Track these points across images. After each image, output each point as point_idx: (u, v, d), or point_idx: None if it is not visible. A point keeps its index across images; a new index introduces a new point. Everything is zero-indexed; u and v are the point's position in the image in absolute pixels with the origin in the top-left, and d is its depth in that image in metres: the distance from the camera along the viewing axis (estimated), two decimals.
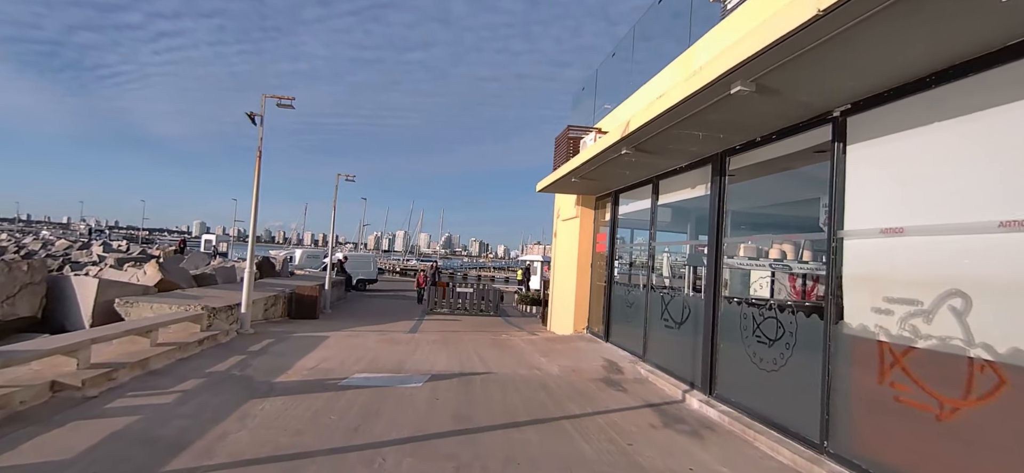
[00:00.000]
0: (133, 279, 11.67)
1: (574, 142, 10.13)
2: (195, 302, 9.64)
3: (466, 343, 9.90)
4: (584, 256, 11.37)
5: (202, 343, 7.92)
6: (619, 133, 6.18)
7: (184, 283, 12.21)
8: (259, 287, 13.87)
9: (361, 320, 13.78)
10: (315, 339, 9.31)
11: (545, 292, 16.28)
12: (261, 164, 9.78)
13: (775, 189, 8.06)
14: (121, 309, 8.88)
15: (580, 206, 11.51)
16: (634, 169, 8.00)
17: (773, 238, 7.27)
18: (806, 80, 4.09)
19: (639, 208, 9.50)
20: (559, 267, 13.03)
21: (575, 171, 8.66)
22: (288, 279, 17.66)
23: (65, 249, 47.10)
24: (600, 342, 10.14)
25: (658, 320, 7.87)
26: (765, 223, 9.26)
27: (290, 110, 10.11)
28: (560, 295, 12.67)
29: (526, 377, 7.29)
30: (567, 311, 11.80)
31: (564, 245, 12.72)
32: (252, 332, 9.54)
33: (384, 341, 9.60)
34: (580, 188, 10.81)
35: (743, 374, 5.72)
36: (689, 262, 8.97)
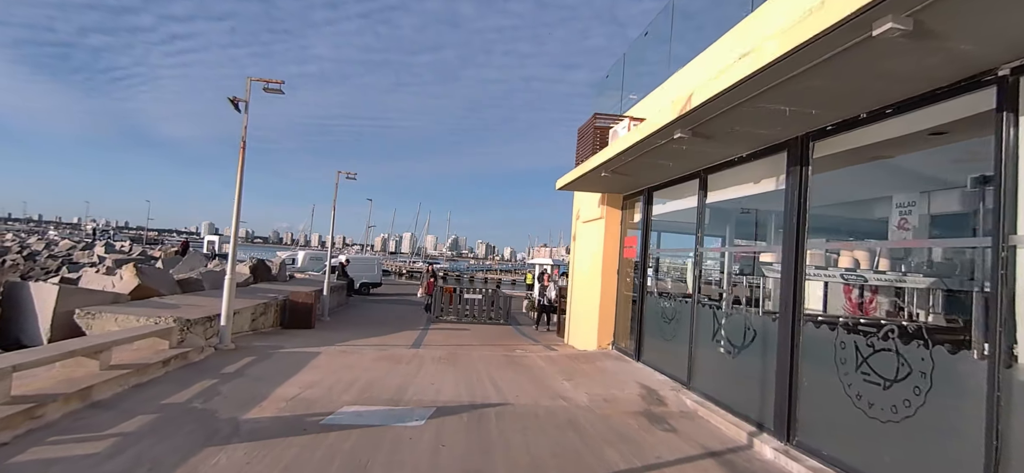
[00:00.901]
0: (107, 286, 10.53)
1: (602, 133, 8.87)
2: (171, 312, 8.46)
3: (476, 361, 8.64)
4: (609, 262, 10.08)
5: (168, 364, 6.71)
6: (675, 111, 4.91)
7: (165, 289, 11.05)
8: (250, 293, 12.70)
9: (360, 330, 12.56)
10: (303, 356, 8.09)
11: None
12: (245, 156, 8.59)
13: (839, 186, 6.76)
14: (81, 322, 7.71)
15: (605, 206, 10.23)
16: (680, 160, 6.72)
17: (853, 243, 5.96)
18: (976, 22, 2.82)
19: (679, 207, 8.21)
20: (579, 273, 11.75)
21: (607, 164, 7.40)
22: (284, 284, 16.51)
23: (68, 249, 46.47)
24: (630, 362, 8.85)
25: (709, 341, 6.57)
26: (821, 227, 7.95)
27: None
28: (581, 305, 11.39)
29: (551, 410, 6.02)
30: (589, 323, 10.52)
31: (585, 249, 11.45)
32: (232, 347, 8.34)
33: (383, 358, 8.37)
34: (607, 185, 9.54)
35: (840, 420, 4.42)
36: (742, 273, 7.66)
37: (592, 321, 10.31)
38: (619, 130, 8.11)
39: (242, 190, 8.56)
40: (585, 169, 8.31)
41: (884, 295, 6.91)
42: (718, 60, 6.52)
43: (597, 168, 7.78)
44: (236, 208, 8.57)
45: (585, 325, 10.83)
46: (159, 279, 11.19)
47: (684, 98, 4.81)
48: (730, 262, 7.79)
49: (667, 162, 6.91)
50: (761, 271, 7.08)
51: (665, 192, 8.49)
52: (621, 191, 9.99)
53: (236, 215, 8.59)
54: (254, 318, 10.73)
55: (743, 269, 7.72)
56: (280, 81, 8.78)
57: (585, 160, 8.97)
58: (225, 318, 8.31)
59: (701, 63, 7.16)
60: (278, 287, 14.82)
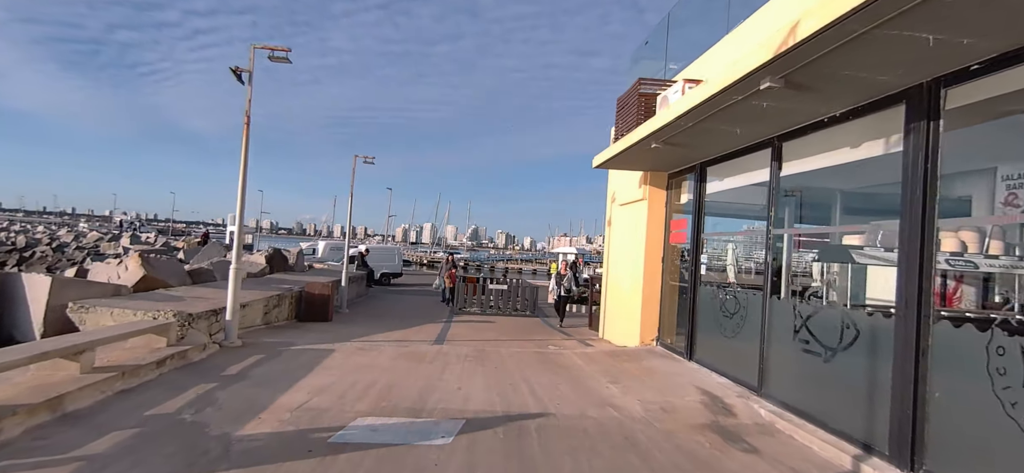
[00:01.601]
0: (113, 276, 9.90)
1: (647, 100, 7.78)
2: (174, 305, 7.74)
3: (507, 359, 7.72)
4: (653, 248, 9.02)
5: (163, 364, 5.95)
6: (768, 52, 3.84)
7: (174, 280, 10.38)
8: (264, 284, 12.00)
9: (380, 323, 11.76)
10: (316, 354, 7.28)
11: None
12: (249, 133, 7.77)
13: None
14: (74, 316, 7.01)
15: (647, 186, 9.16)
16: (752, 124, 5.64)
17: None
18: None
19: (738, 184, 7.12)
20: (616, 261, 10.72)
21: (660, 132, 6.34)
22: (302, 274, 15.83)
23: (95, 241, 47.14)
24: (681, 361, 7.82)
25: (789, 340, 5.51)
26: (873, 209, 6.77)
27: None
28: (619, 295, 10.37)
29: (601, 424, 5.06)
30: (629, 316, 9.50)
31: (624, 234, 10.39)
32: (238, 344, 7.57)
33: (403, 356, 7.50)
34: (652, 161, 8.47)
35: (998, 447, 3.36)
36: (821, 258, 6.55)
37: (633, 314, 9.28)
38: (670, 95, 7.03)
39: (247, 170, 7.75)
40: (629, 142, 7.26)
41: (1000, 283, 5.77)
42: None
43: (646, 139, 6.73)
44: (241, 191, 7.76)
45: (624, 318, 9.81)
46: (168, 270, 10.53)
47: (779, 35, 3.74)
48: (770, 246, 6.65)
49: (733, 128, 5.82)
50: (844, 256, 5.98)
51: (722, 167, 7.39)
52: (666, 168, 8.91)
53: (241, 198, 7.78)
54: (266, 311, 10.00)
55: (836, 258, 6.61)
56: (286, 49, 7.93)
57: (627, 133, 7.91)
58: (231, 312, 7.54)
59: None
60: (295, 278, 14.13)
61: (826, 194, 6.96)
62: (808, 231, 6.80)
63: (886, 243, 5.77)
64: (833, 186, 6.83)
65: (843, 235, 6.24)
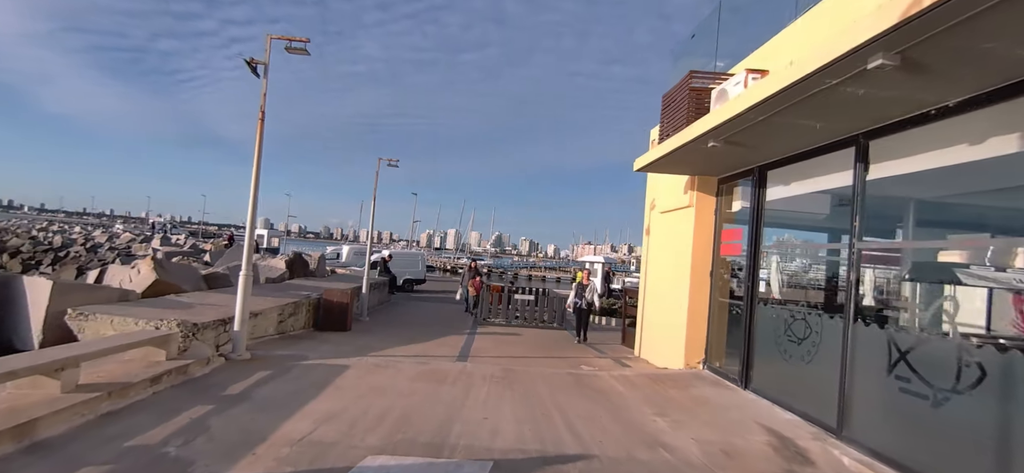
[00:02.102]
0: (125, 280, 9.51)
1: (698, 95, 6.95)
2: (181, 313, 7.21)
3: (537, 382, 6.94)
4: (700, 260, 8.14)
5: (159, 381, 5.37)
6: (887, 19, 3.01)
7: (188, 285, 9.94)
8: (282, 291, 11.50)
9: (400, 334, 11.12)
10: (329, 371, 6.63)
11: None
12: (264, 129, 7.22)
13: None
14: (73, 324, 6.52)
15: (694, 192, 8.29)
16: (836, 117, 4.77)
17: None
18: None
19: (809, 189, 6.21)
20: (656, 274, 9.84)
21: (721, 128, 5.51)
22: (322, 280, 15.35)
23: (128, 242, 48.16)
24: (735, 389, 6.91)
25: (881, 376, 4.59)
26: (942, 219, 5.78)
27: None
28: (658, 312, 9.49)
29: (653, 470, 4.24)
30: (671, 335, 8.61)
31: (664, 245, 9.52)
32: (247, 357, 6.99)
33: (423, 376, 6.80)
34: (701, 164, 7.63)
35: None
36: (914, 277, 5.60)
37: (676, 333, 8.39)
38: (730, 88, 6.18)
39: (260, 168, 7.19)
40: (680, 141, 6.44)
41: None
42: None
43: (702, 137, 5.90)
44: (253, 189, 7.20)
45: (665, 336, 8.92)
46: (181, 274, 10.11)
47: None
48: (854, 263, 5.70)
49: (812, 122, 4.95)
50: (948, 276, 5.03)
51: (787, 170, 6.49)
52: (716, 172, 8.03)
53: (253, 197, 7.22)
54: (281, 319, 9.44)
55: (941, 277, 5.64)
56: (305, 39, 7.36)
57: (675, 132, 7.09)
58: (239, 322, 6.96)
59: None
60: (314, 284, 13.64)
61: (897, 204, 5.99)
62: (919, 244, 5.81)
63: (997, 261, 4.82)
64: (906, 194, 5.87)
65: (940, 249, 5.28)
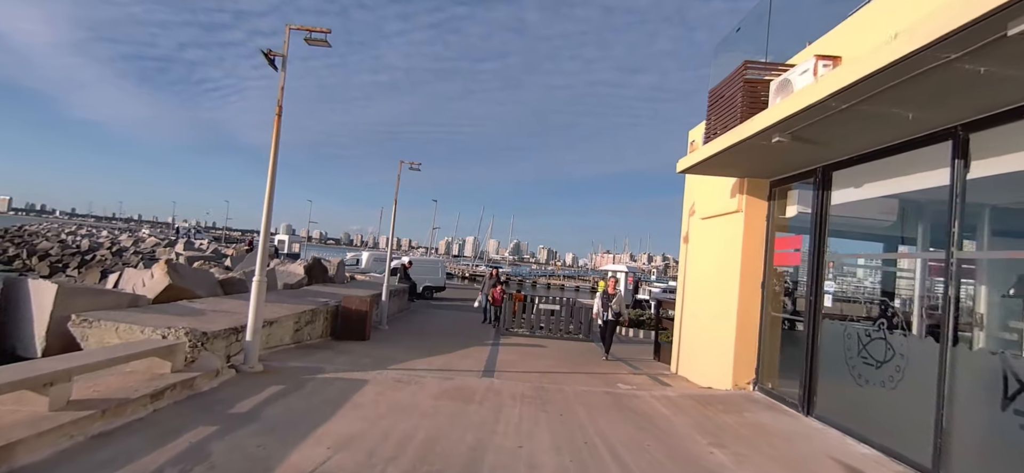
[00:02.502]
0: (138, 285, 9.16)
1: (754, 88, 6.27)
2: (191, 320, 6.77)
3: (573, 402, 6.30)
4: (750, 270, 7.42)
5: (160, 396, 4.88)
6: None
7: (203, 290, 9.55)
8: (299, 297, 11.06)
9: (421, 344, 10.57)
10: (346, 387, 6.08)
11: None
12: (280, 127, 6.76)
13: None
14: (76, 331, 6.10)
15: (743, 195, 7.58)
16: (934, 106, 4.07)
17: None
18: None
19: (888, 191, 5.48)
20: (697, 284, 9.12)
21: (789, 121, 4.84)
22: (341, 286, 14.93)
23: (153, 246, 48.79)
24: (795, 415, 6.17)
25: (993, 411, 3.85)
26: None
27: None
28: (699, 324, 8.77)
29: None
30: (715, 350, 7.88)
31: (707, 252, 8.81)
32: (259, 369, 6.48)
33: (448, 394, 6.21)
34: (753, 165, 6.94)
35: None
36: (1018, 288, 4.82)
37: (721, 349, 7.67)
38: (795, 78, 5.49)
39: (276, 167, 6.72)
40: (737, 137, 5.77)
41: None
42: None
43: (766, 131, 5.23)
44: (269, 189, 6.73)
45: (708, 352, 8.19)
46: (196, 279, 9.73)
47: None
48: (952, 276, 4.94)
49: (906, 111, 4.25)
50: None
51: (859, 171, 5.76)
52: (769, 174, 7.32)
53: (269, 197, 6.74)
54: (298, 328, 8.97)
55: None
56: (326, 30, 6.90)
57: (725, 128, 6.43)
58: (251, 331, 6.47)
59: None
60: (333, 290, 13.20)
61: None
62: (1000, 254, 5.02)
63: None
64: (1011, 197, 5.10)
65: None
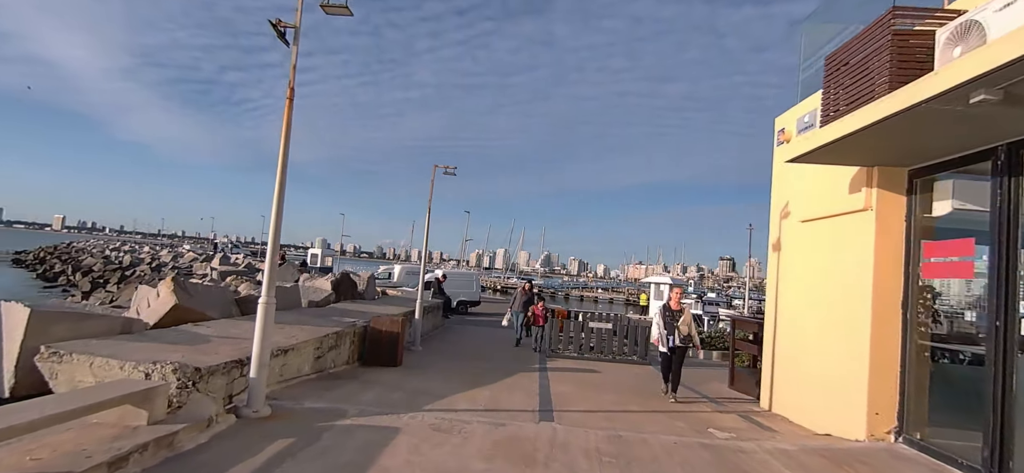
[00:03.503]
0: (143, 305, 8.08)
1: (904, 43, 4.69)
2: (186, 351, 5.57)
3: (666, 464, 4.76)
4: (886, 285, 5.74)
5: (121, 464, 3.61)
6: None
7: (214, 311, 8.42)
8: (323, 317, 9.84)
9: (459, 370, 9.18)
10: (372, 439, 4.72)
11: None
12: (292, 113, 5.52)
13: None
14: (44, 366, 4.93)
15: (873, 190, 5.91)
16: None
17: None
18: None
19: None
20: (795, 303, 7.43)
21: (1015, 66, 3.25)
22: (371, 303, 13.71)
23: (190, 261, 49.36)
24: None
25: None
26: None
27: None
28: (801, 352, 7.08)
29: None
30: (837, 388, 6.19)
31: (810, 263, 7.14)
32: (266, 413, 5.19)
33: (501, 449, 4.77)
34: (893, 148, 5.31)
35: None
36: None
37: (848, 387, 5.98)
38: (988, 18, 3.89)
39: (287, 158, 5.46)
40: (899, 105, 4.17)
41: None
42: None
43: (957, 89, 3.64)
44: (279, 185, 5.46)
45: (823, 390, 6.48)
46: (208, 299, 8.61)
47: None
48: None
49: None
50: None
51: None
52: (909, 162, 5.67)
53: (279, 193, 5.46)
54: (320, 355, 7.71)
55: None
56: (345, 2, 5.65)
57: (857, 101, 4.85)
58: (256, 367, 5.19)
59: None
60: (362, 308, 11.98)
61: None
62: None
63: None
64: None
65: None
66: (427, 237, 12.53)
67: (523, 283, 15.15)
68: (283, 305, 10.40)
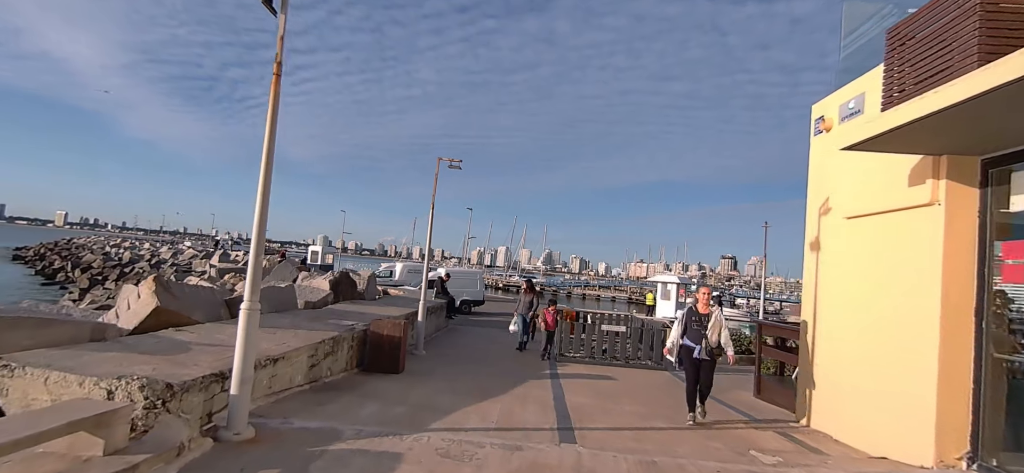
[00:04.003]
0: (123, 306, 7.42)
1: (993, 8, 4.00)
2: (160, 362, 4.91)
3: None
4: (957, 292, 5.04)
5: None
6: None
7: (200, 314, 7.76)
8: (319, 319, 9.18)
9: (466, 378, 8.52)
10: (369, 468, 4.06)
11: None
12: (280, 89, 4.83)
13: None
14: None
15: (940, 182, 5.21)
16: None
17: None
18: None
19: None
20: (840, 308, 6.73)
21: None
22: (371, 304, 13.03)
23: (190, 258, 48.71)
24: None
25: None
26: None
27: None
28: (848, 362, 6.39)
29: None
30: (896, 405, 5.50)
31: (857, 266, 6.45)
32: (249, 435, 4.52)
33: None
34: (967, 132, 4.61)
35: None
36: None
37: (910, 405, 5.28)
38: None
39: (274, 140, 4.78)
40: (1003, 77, 3.48)
41: None
42: None
43: None
44: (264, 173, 4.77)
45: (879, 407, 5.77)
46: (194, 300, 7.94)
47: None
48: None
49: None
50: None
51: None
52: (984, 148, 4.97)
53: (264, 184, 4.77)
54: (314, 363, 7.04)
55: None
56: None
57: (928, 80, 4.16)
58: (237, 382, 4.51)
59: None
60: (362, 309, 11.32)
61: None
62: None
63: None
64: None
65: None
66: (430, 233, 11.85)
67: (525, 281, 13.98)
68: (277, 307, 9.74)
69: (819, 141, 7.35)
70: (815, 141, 7.49)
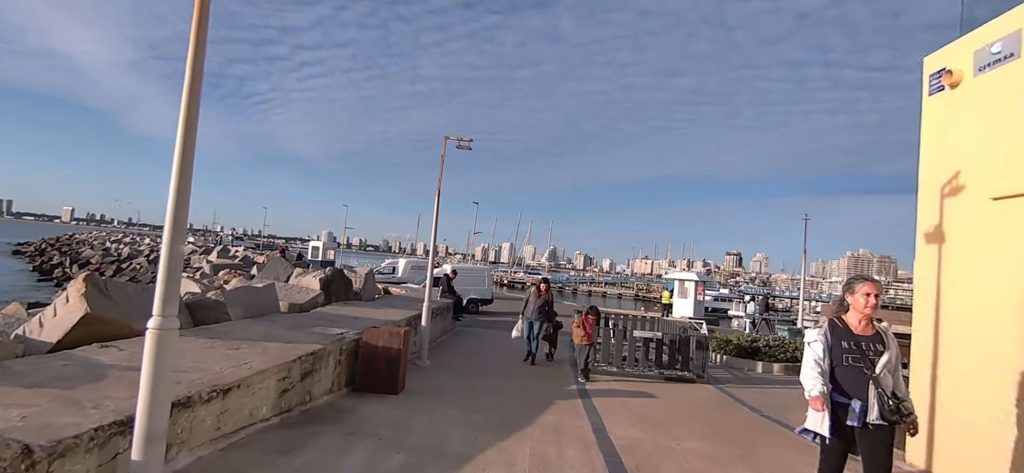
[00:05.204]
0: (49, 311, 5.87)
1: None
2: (47, 399, 3.36)
3: None
4: None
5: None
6: None
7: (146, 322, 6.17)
8: (299, 328, 7.57)
9: (479, 397, 6.93)
10: None
11: None
12: None
13: None
14: None
15: None
16: None
17: None
18: None
19: None
20: (982, 319, 5.07)
21: None
22: (368, 306, 11.43)
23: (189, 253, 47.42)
24: None
25: None
26: None
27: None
28: (1000, 392, 4.73)
29: None
30: None
31: (1012, 262, 4.78)
32: None
33: None
34: None
35: None
36: None
37: None
38: None
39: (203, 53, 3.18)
40: None
41: None
42: None
43: None
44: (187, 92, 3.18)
45: None
46: (139, 304, 6.33)
47: None
48: None
49: None
50: None
51: None
52: None
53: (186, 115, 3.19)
54: (288, 387, 5.45)
55: None
56: None
57: None
58: (140, 444, 2.92)
59: None
60: (356, 312, 9.72)
61: None
62: None
63: None
64: None
65: None
66: (436, 226, 10.25)
67: (537, 281, 11.95)
68: (251, 312, 8.17)
69: (939, 100, 5.69)
70: (931, 101, 5.83)
